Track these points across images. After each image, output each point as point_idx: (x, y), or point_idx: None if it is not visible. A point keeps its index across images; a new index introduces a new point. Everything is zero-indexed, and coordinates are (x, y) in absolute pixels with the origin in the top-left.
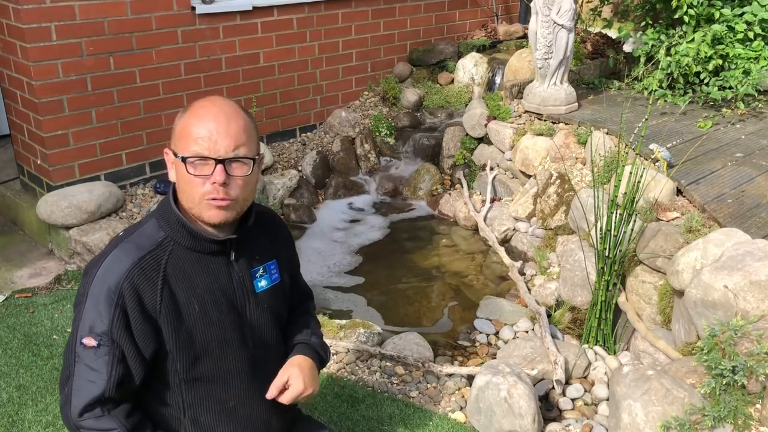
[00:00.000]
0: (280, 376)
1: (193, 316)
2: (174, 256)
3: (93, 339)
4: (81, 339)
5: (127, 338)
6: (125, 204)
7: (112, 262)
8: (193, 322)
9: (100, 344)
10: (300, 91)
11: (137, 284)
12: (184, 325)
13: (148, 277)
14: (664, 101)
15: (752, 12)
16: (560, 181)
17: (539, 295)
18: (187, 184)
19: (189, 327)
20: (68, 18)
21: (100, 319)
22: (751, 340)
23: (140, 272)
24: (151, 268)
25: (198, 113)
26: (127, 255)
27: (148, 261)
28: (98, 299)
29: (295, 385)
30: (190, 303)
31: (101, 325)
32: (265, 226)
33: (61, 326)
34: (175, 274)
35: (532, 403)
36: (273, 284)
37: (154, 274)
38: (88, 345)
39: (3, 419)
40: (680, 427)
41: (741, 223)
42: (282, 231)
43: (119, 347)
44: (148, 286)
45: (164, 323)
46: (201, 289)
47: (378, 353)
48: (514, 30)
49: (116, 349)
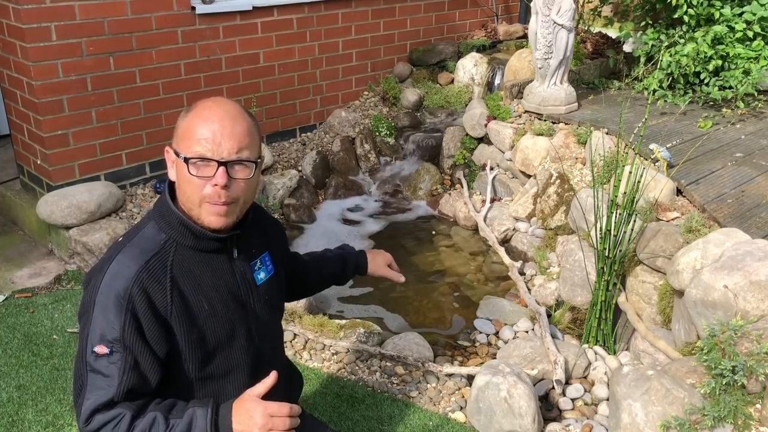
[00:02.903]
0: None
1: (203, 314)
2: (178, 257)
3: (105, 347)
4: (92, 348)
5: (140, 342)
6: (125, 204)
7: (117, 267)
8: (203, 320)
9: (113, 351)
10: (300, 91)
11: (147, 287)
12: (196, 325)
13: (157, 280)
14: (664, 101)
15: (752, 11)
16: (560, 181)
17: (539, 295)
18: (188, 184)
19: (200, 326)
20: (68, 18)
21: (111, 327)
22: (751, 340)
23: (149, 275)
24: (159, 270)
25: (202, 114)
26: (133, 259)
27: (155, 264)
28: (107, 306)
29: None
30: (199, 302)
31: (112, 332)
32: (256, 220)
33: (61, 326)
34: (182, 274)
35: (532, 403)
36: (270, 275)
37: (162, 276)
38: (100, 353)
39: (3, 419)
40: (680, 427)
41: (741, 223)
42: (270, 222)
43: (132, 353)
44: (158, 289)
45: (176, 324)
46: (208, 287)
47: (378, 353)
48: (514, 30)
49: (129, 355)
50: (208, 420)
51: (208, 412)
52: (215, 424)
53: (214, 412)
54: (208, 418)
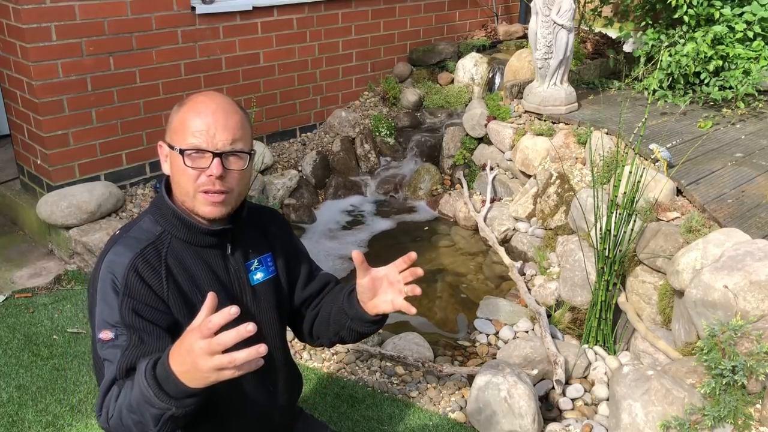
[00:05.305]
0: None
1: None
2: (172, 249)
3: (109, 331)
4: (98, 336)
5: (140, 320)
6: (125, 204)
7: (113, 256)
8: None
9: (117, 334)
10: (300, 91)
11: (142, 272)
12: (192, 313)
13: (152, 267)
14: (664, 101)
15: (752, 11)
16: (560, 181)
17: (539, 295)
18: (182, 175)
19: (195, 316)
20: (68, 18)
21: (111, 311)
22: (751, 340)
23: (143, 262)
24: (154, 258)
25: (196, 108)
26: (128, 248)
27: (150, 252)
28: (106, 293)
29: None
30: (194, 293)
31: (113, 316)
32: (257, 220)
33: (61, 326)
34: (176, 265)
35: (532, 403)
36: (269, 277)
37: (157, 264)
38: (105, 339)
39: (3, 419)
40: (680, 427)
41: (741, 223)
42: (276, 224)
43: (136, 331)
44: (153, 275)
45: (173, 306)
46: (201, 281)
47: (378, 353)
48: (514, 30)
49: (133, 334)
50: (145, 366)
51: (150, 360)
52: (154, 367)
53: (155, 359)
54: (145, 364)
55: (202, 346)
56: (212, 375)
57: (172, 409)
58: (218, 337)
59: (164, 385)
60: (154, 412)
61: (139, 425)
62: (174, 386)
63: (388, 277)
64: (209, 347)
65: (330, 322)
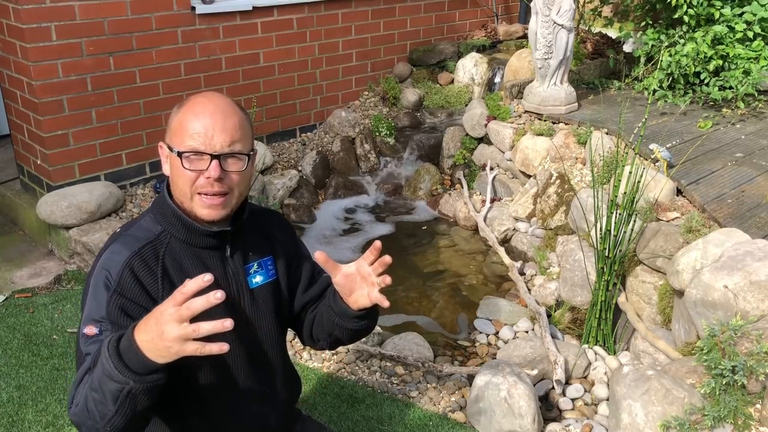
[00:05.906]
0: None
1: None
2: (171, 249)
3: (94, 326)
4: (83, 331)
5: (126, 319)
6: (125, 204)
7: (110, 254)
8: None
9: (102, 330)
10: (300, 91)
11: (137, 271)
12: None
13: (148, 266)
14: (664, 101)
15: (752, 11)
16: (560, 181)
17: (539, 295)
18: (180, 177)
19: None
20: (68, 18)
21: (99, 306)
22: (751, 340)
23: (140, 261)
24: (151, 258)
25: (194, 109)
26: (126, 246)
27: (147, 251)
28: (97, 288)
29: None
30: None
31: (99, 311)
32: (259, 223)
33: (61, 326)
34: (173, 265)
35: (532, 403)
36: (269, 280)
37: (153, 264)
38: (90, 334)
39: (3, 419)
40: (680, 427)
41: (741, 223)
42: (278, 227)
43: (121, 329)
44: (148, 275)
45: None
46: None
47: (378, 353)
48: (514, 30)
49: (117, 331)
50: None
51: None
52: (118, 340)
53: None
54: (111, 336)
55: (171, 312)
56: (175, 345)
57: (130, 383)
58: (188, 303)
59: (125, 357)
60: (112, 388)
61: (100, 405)
62: (135, 357)
63: (360, 271)
64: (178, 313)
65: (323, 323)
